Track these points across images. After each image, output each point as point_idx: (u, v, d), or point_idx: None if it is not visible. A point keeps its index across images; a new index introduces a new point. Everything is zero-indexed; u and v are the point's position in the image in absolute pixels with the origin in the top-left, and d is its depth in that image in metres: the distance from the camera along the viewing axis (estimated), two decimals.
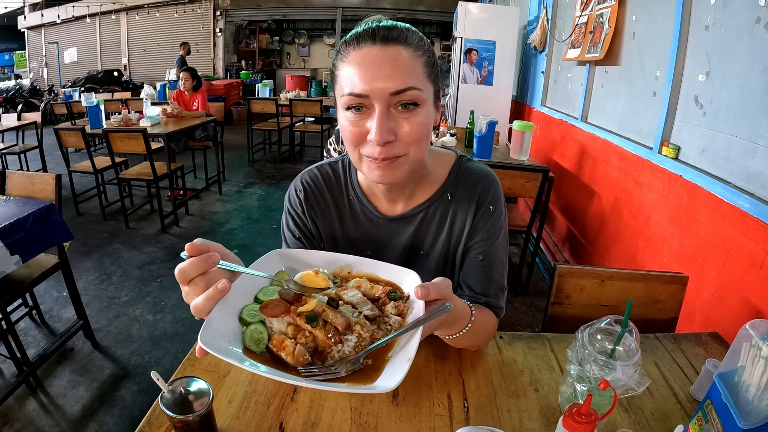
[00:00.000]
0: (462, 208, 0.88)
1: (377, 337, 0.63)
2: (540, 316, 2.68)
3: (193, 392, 0.65)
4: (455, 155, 0.93)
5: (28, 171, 4.87)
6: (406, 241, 0.91)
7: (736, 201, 1.49)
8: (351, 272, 0.77)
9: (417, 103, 0.70)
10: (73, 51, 10.67)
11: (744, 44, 1.52)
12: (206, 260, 0.57)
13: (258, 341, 0.61)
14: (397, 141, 0.71)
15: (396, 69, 0.68)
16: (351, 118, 0.71)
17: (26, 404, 1.87)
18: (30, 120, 4.86)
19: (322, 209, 0.93)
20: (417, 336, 0.59)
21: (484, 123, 2.81)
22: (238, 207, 4.44)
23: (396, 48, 0.69)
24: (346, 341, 0.61)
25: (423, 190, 0.89)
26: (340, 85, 0.72)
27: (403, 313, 0.67)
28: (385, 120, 0.69)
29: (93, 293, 2.77)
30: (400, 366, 0.56)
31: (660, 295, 1.22)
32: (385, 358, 0.61)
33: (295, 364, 0.59)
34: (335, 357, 0.61)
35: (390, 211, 0.90)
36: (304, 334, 0.62)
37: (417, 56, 0.70)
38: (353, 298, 0.68)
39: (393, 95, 0.68)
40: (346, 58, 0.71)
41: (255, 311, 0.64)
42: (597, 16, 2.67)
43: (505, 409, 0.79)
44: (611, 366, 0.69)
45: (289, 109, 5.90)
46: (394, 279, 0.74)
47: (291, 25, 11.26)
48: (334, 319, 0.62)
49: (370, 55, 0.68)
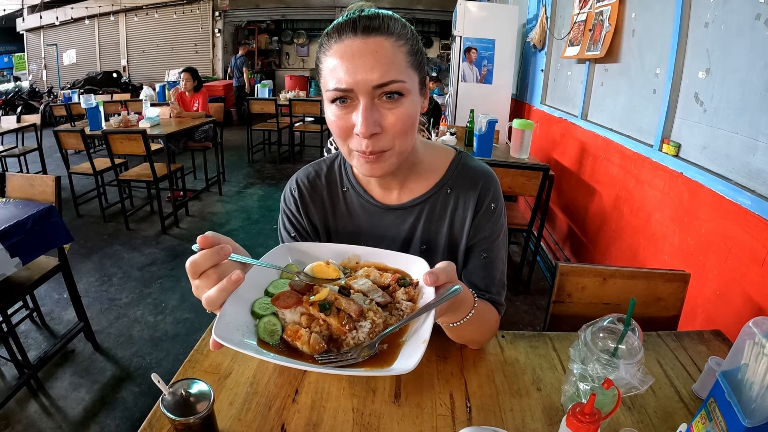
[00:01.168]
0: (462, 203, 0.88)
1: (390, 323, 0.64)
2: (541, 314, 2.68)
3: (194, 394, 0.65)
4: (454, 151, 0.93)
5: (27, 173, 4.88)
6: (406, 234, 0.90)
7: (738, 198, 1.49)
8: (359, 262, 0.77)
9: (401, 93, 0.69)
10: (72, 53, 10.65)
11: (744, 41, 1.51)
12: (218, 252, 0.57)
13: (272, 333, 0.62)
14: (383, 133, 0.70)
15: (378, 60, 0.67)
16: (336, 112, 0.71)
17: (27, 407, 1.87)
18: (29, 122, 4.85)
19: (316, 205, 0.92)
20: (430, 318, 0.59)
21: (484, 122, 2.81)
22: (238, 207, 4.44)
23: (377, 39, 0.67)
24: (360, 327, 0.62)
25: (419, 180, 0.89)
26: (325, 80, 0.71)
27: (413, 299, 0.68)
28: (370, 112, 0.68)
29: (93, 295, 2.77)
30: (415, 348, 0.57)
31: (662, 293, 1.22)
32: (399, 342, 0.61)
33: (311, 352, 0.60)
34: (350, 343, 0.61)
35: (386, 198, 0.90)
36: (318, 323, 0.63)
37: (399, 46, 0.69)
38: (363, 287, 0.68)
39: (376, 88, 0.67)
40: (328, 51, 0.70)
41: (267, 304, 0.65)
42: (597, 13, 2.66)
43: (508, 409, 0.79)
44: (614, 365, 0.68)
45: (289, 109, 5.90)
46: (402, 267, 0.74)
47: (290, 25, 11.24)
48: (347, 306, 0.63)
49: (351, 47, 0.67)
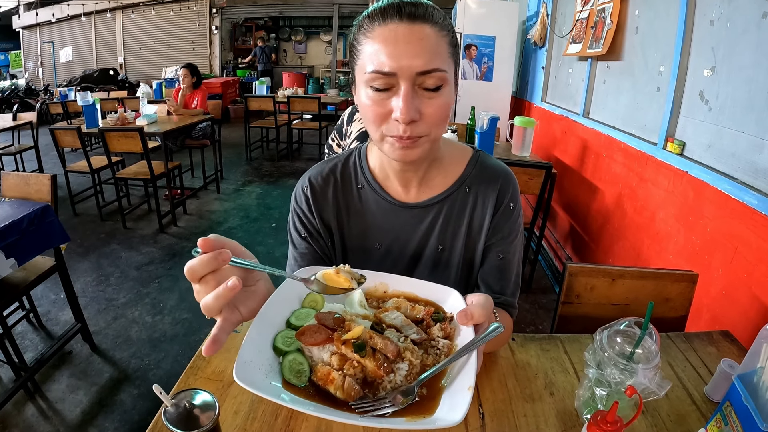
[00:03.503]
0: (481, 202, 0.86)
1: (427, 363, 0.59)
2: (543, 313, 2.67)
3: (198, 405, 0.62)
4: (471, 149, 0.91)
5: (24, 171, 4.84)
6: (423, 234, 0.87)
7: (744, 197, 1.47)
8: (387, 291, 0.73)
9: (442, 82, 0.68)
10: (68, 50, 10.57)
11: (750, 39, 1.50)
12: (216, 258, 0.54)
13: (299, 373, 0.57)
14: (421, 120, 0.69)
15: (423, 48, 0.66)
16: (373, 96, 0.69)
17: (25, 410, 1.84)
18: (26, 120, 4.81)
19: (329, 203, 0.89)
20: (472, 361, 0.55)
21: (486, 119, 2.78)
22: (236, 206, 4.41)
23: (422, 26, 0.66)
24: (397, 370, 0.57)
25: (438, 177, 0.86)
26: (363, 62, 0.69)
27: (450, 336, 0.63)
28: (411, 99, 0.67)
29: (91, 295, 2.74)
30: (462, 395, 0.52)
31: (670, 294, 1.20)
32: (439, 386, 0.57)
33: (346, 398, 0.55)
34: (387, 388, 0.56)
35: (403, 196, 0.87)
36: (351, 365, 0.57)
37: (442, 35, 0.68)
38: (396, 321, 0.64)
39: (420, 75, 0.66)
40: (370, 33, 0.68)
41: (290, 338, 0.60)
42: (599, 11, 2.64)
43: (521, 414, 0.77)
44: (632, 369, 0.67)
45: (287, 106, 5.87)
46: (434, 298, 0.70)
47: (287, 23, 11.19)
48: (384, 346, 0.57)
49: (396, 32, 0.66)
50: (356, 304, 0.68)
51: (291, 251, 0.93)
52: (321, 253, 0.91)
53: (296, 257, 0.91)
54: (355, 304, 0.68)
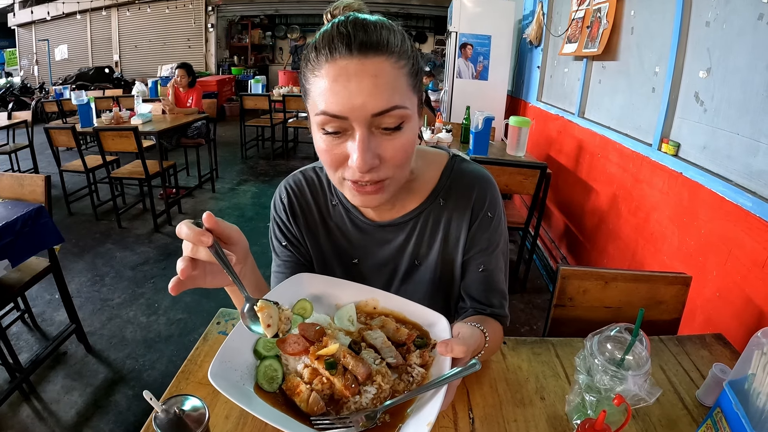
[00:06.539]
0: (457, 215, 0.82)
1: (398, 389, 0.59)
2: (537, 313, 2.67)
3: (189, 411, 0.62)
4: (447, 155, 0.86)
5: (19, 171, 4.81)
6: (397, 250, 0.86)
7: (738, 199, 1.48)
8: (377, 307, 0.72)
9: (402, 120, 0.62)
10: (63, 48, 10.51)
11: (746, 41, 1.50)
12: (198, 236, 0.55)
13: (271, 379, 0.58)
14: (382, 164, 0.63)
15: (377, 86, 0.58)
16: (327, 140, 0.63)
17: (20, 411, 1.83)
18: (21, 119, 4.77)
19: (305, 216, 0.87)
20: (439, 397, 0.54)
21: (481, 119, 2.78)
22: (231, 205, 4.40)
23: (376, 59, 0.59)
24: (364, 392, 0.57)
25: (412, 195, 0.82)
26: (313, 101, 0.62)
27: (427, 365, 0.63)
28: (368, 145, 0.60)
29: (86, 295, 2.73)
30: (418, 430, 0.52)
31: (663, 296, 1.20)
32: (404, 414, 0.57)
33: (308, 412, 0.56)
34: (351, 408, 0.57)
35: (376, 217, 0.84)
36: (321, 380, 0.58)
37: (400, 67, 0.61)
38: (377, 341, 0.64)
39: (376, 116, 0.59)
40: (318, 69, 0.60)
41: (271, 344, 0.61)
42: (594, 10, 2.64)
43: (512, 419, 0.77)
44: (622, 376, 0.67)
45: (282, 104, 5.85)
46: (422, 322, 0.69)
47: (283, 20, 11.13)
48: (355, 367, 0.58)
49: (347, 69, 0.58)
50: (345, 319, 0.69)
51: (274, 260, 0.92)
52: (303, 260, 0.90)
53: (279, 265, 0.90)
54: (344, 319, 0.69)
